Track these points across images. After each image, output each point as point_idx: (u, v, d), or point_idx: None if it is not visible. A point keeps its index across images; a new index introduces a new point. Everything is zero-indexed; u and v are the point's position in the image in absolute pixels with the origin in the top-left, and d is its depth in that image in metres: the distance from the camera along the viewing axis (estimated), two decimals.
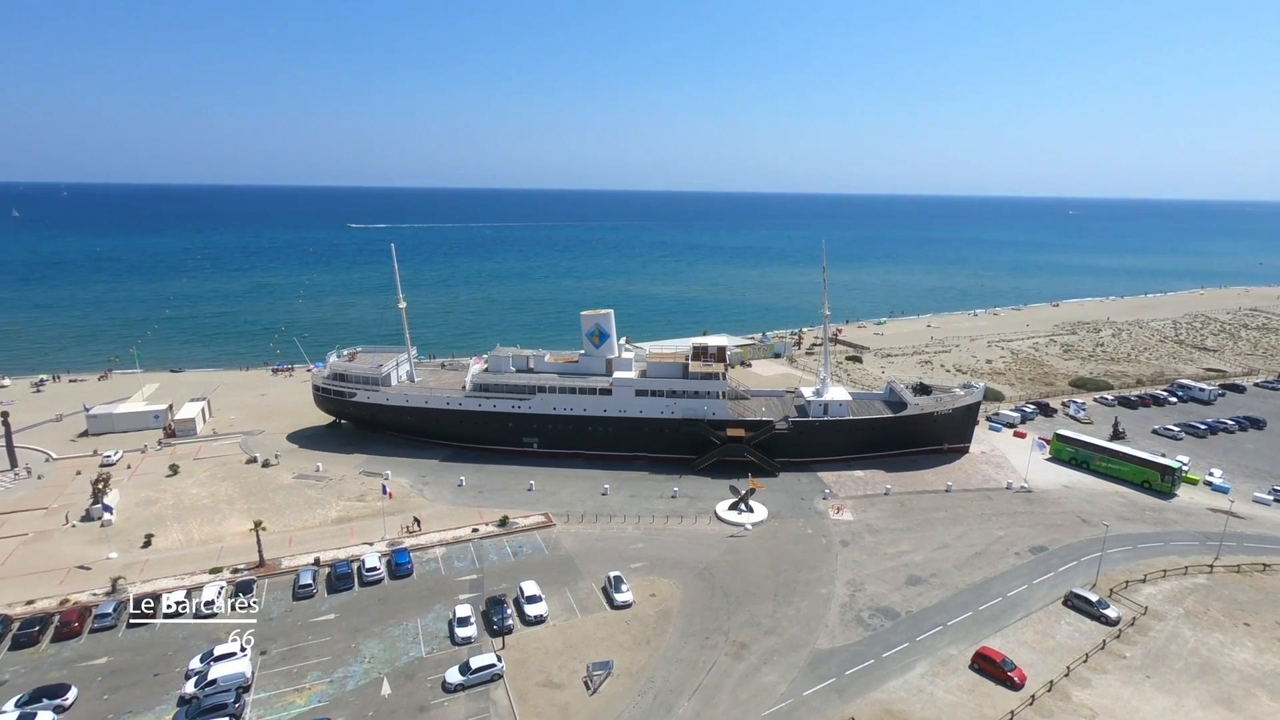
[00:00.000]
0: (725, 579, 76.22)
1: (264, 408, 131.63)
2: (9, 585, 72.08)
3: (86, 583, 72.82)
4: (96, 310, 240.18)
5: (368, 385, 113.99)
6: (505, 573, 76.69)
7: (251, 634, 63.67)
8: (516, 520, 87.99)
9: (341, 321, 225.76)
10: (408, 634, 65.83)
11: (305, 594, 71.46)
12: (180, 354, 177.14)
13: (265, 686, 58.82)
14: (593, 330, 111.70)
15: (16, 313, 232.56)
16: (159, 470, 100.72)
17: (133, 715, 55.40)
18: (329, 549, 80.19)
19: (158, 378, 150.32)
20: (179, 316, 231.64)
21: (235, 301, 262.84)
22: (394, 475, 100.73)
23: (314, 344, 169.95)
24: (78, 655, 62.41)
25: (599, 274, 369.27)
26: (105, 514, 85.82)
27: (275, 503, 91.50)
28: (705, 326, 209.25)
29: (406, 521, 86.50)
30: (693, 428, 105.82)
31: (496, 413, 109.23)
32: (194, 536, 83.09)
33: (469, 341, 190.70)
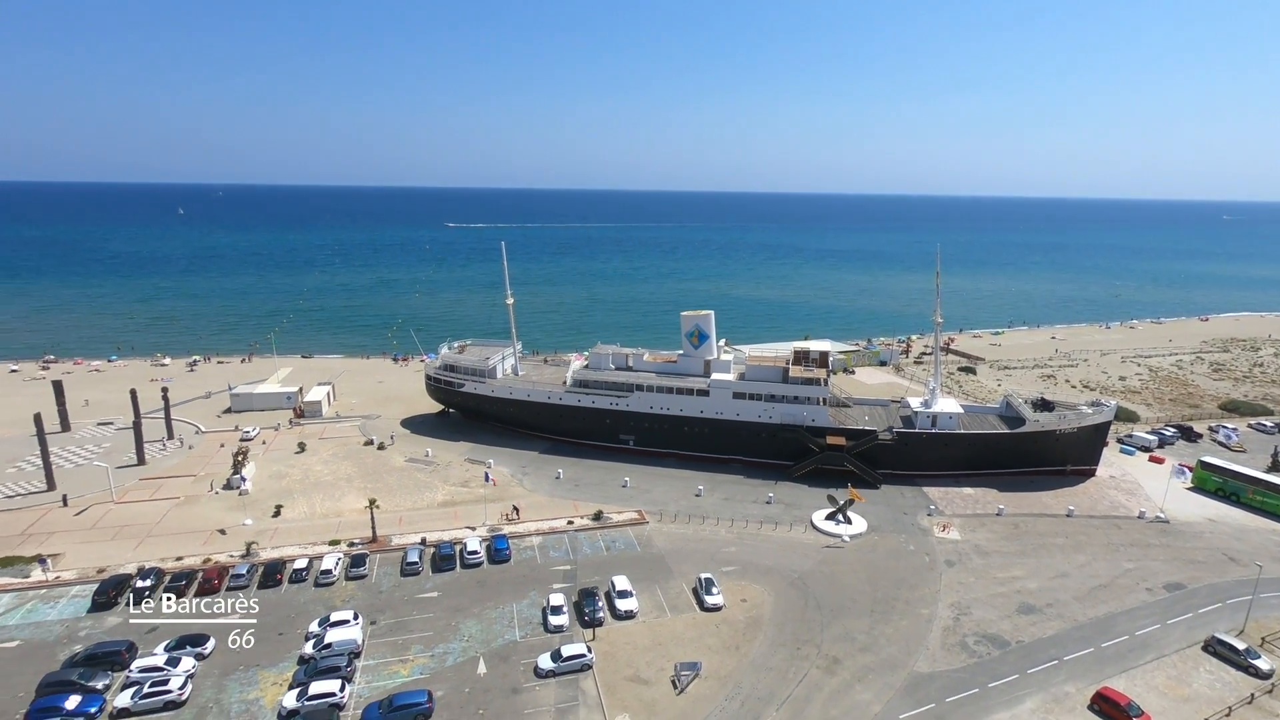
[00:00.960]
0: (819, 590, 74.09)
1: (382, 394, 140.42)
2: (162, 542, 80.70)
3: (224, 545, 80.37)
4: (242, 299, 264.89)
5: (475, 377, 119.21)
6: (598, 566, 78.00)
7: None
8: (610, 515, 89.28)
9: (454, 316, 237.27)
10: (504, 617, 68.26)
11: (412, 571, 75.63)
12: (311, 341, 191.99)
13: (373, 654, 62.72)
14: (692, 331, 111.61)
15: (176, 300, 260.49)
16: (289, 447, 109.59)
17: (260, 669, 60.58)
18: (434, 530, 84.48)
19: (291, 362, 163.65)
20: (311, 307, 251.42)
21: (360, 295, 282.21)
22: (496, 464, 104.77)
23: (428, 336, 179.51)
24: (216, 610, 68.79)
25: (701, 275, 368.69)
26: (243, 484, 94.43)
27: (388, 483, 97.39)
28: (807, 331, 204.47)
29: (506, 509, 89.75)
30: (791, 433, 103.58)
31: (595, 409, 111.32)
32: (316, 510, 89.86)
33: (572, 338, 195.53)
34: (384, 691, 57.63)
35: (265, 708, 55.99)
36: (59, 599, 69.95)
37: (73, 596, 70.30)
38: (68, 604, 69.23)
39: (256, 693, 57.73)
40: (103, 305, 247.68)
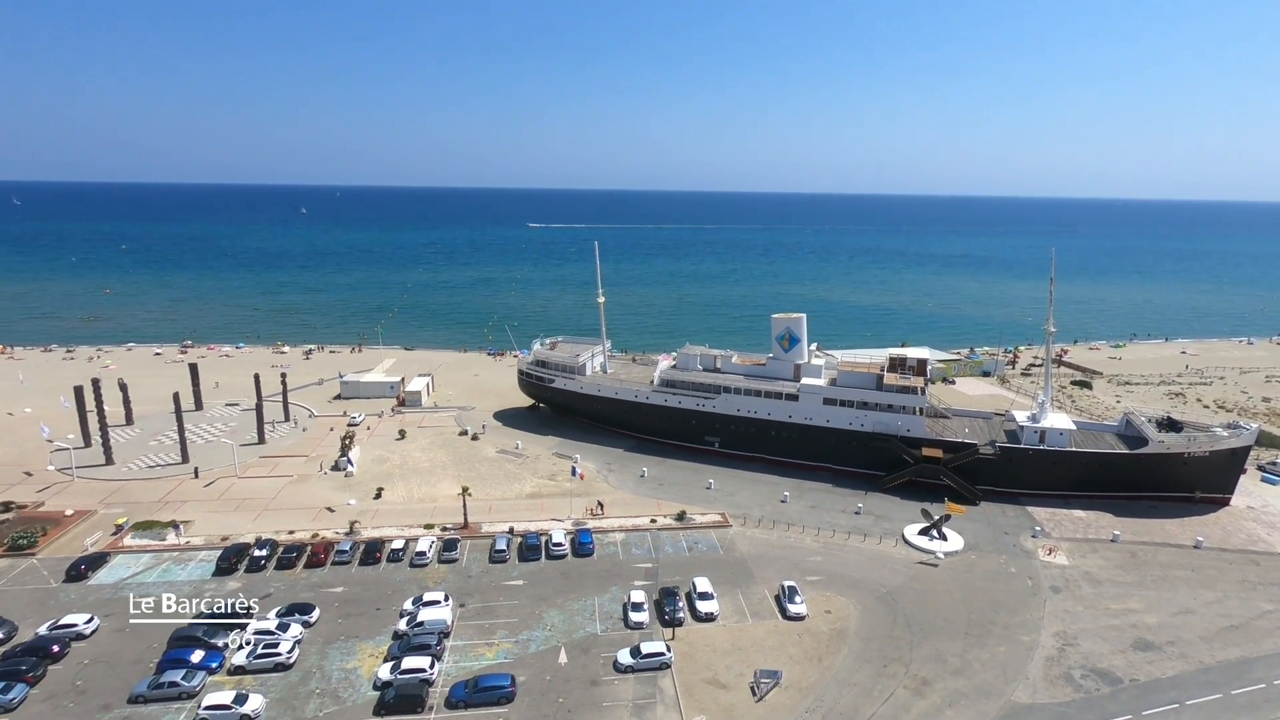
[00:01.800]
0: (910, 607, 70.98)
1: (477, 387, 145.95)
2: (277, 516, 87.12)
3: (331, 522, 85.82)
4: (354, 294, 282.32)
5: (565, 373, 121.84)
6: (679, 566, 77.92)
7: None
8: (694, 516, 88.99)
9: (547, 313, 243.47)
10: (585, 610, 69.35)
11: (499, 558, 78.15)
12: (413, 334, 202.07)
13: (461, 635, 65.24)
14: (783, 334, 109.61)
15: (295, 294, 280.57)
16: (390, 434, 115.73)
17: (358, 640, 64.29)
18: (522, 520, 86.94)
19: (395, 354, 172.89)
20: (415, 302, 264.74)
21: (460, 291, 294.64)
22: (583, 459, 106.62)
23: (522, 332, 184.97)
24: (321, 582, 73.73)
25: (795, 278, 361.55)
26: (348, 467, 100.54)
27: (480, 472, 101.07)
28: (905, 337, 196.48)
29: (591, 504, 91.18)
30: (884, 443, 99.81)
31: (681, 409, 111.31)
32: (413, 494, 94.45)
33: (660, 338, 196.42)
34: (470, 672, 59.82)
35: (362, 677, 59.35)
36: (188, 561, 76.86)
37: (200, 560, 77.04)
38: (195, 566, 75.95)
39: (355, 662, 61.29)
40: (233, 296, 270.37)
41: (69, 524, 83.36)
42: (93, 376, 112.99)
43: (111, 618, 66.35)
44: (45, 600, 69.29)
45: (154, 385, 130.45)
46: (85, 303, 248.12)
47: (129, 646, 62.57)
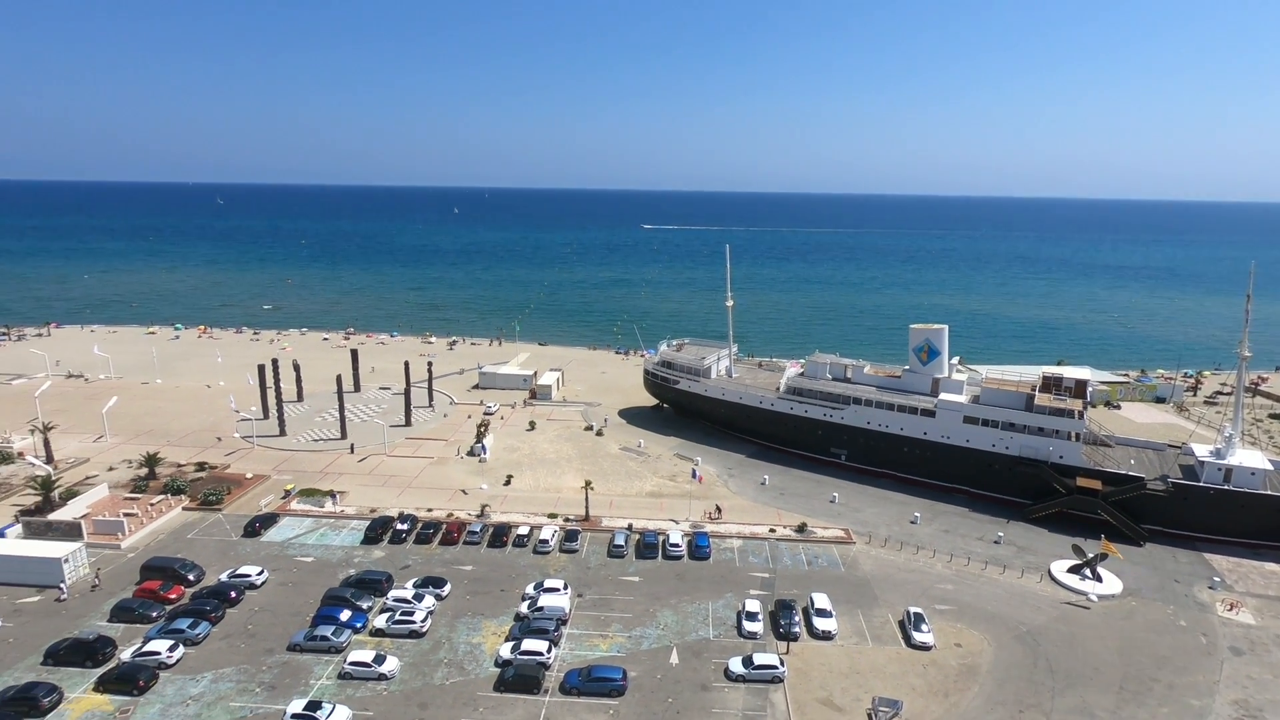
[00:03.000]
0: (1054, 651, 64.82)
1: (604, 384, 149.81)
2: (418, 494, 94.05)
3: (464, 504, 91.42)
4: (495, 290, 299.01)
5: (690, 375, 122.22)
6: (797, 579, 75.89)
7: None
8: (815, 530, 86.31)
9: (676, 314, 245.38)
10: (699, 613, 69.26)
11: (618, 553, 79.78)
12: (547, 330, 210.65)
13: (578, 624, 67.27)
14: (921, 345, 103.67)
15: (443, 288, 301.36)
16: (521, 424, 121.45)
17: (483, 618, 68.04)
18: (640, 518, 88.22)
19: (529, 348, 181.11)
20: (550, 300, 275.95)
21: (593, 290, 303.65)
22: (704, 462, 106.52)
23: (650, 332, 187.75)
24: (453, 559, 78.74)
25: (938, 287, 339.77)
26: (483, 453, 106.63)
27: (602, 468, 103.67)
28: (1063, 355, 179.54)
29: (710, 508, 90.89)
30: (1032, 469, 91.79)
31: (807, 418, 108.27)
32: (540, 484, 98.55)
33: (789, 344, 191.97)
34: (584, 661, 61.56)
35: (485, 653, 62.76)
36: (342, 529, 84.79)
37: (351, 529, 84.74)
38: (347, 534, 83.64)
39: (480, 638, 64.94)
40: (389, 289, 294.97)
41: (248, 486, 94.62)
42: (272, 357, 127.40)
43: (278, 572, 74.61)
44: (226, 551, 79.08)
45: (321, 367, 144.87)
46: (270, 291, 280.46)
47: (290, 599, 70.01)
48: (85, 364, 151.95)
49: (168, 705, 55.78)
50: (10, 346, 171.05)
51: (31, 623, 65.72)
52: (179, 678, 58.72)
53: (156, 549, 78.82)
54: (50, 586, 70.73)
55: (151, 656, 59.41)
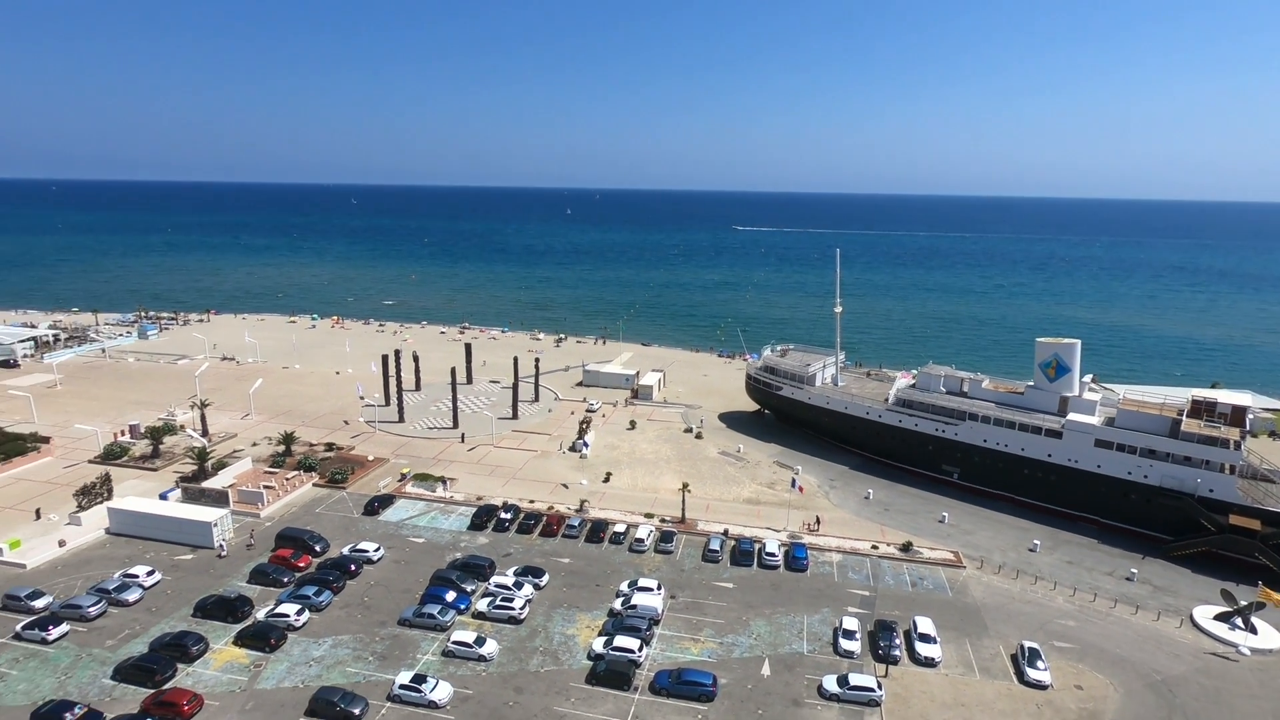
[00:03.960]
0: (1194, 705, 58.53)
1: (705, 386, 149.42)
2: (522, 485, 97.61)
3: (564, 498, 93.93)
4: (602, 289, 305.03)
5: (793, 382, 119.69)
6: (899, 600, 72.66)
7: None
8: (921, 550, 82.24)
9: (781, 319, 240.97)
10: (793, 626, 67.77)
11: (712, 558, 79.42)
12: (650, 331, 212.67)
13: (670, 625, 67.57)
14: (1049, 361, 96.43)
15: (551, 288, 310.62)
16: (622, 423, 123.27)
17: (578, 611, 69.73)
18: (737, 524, 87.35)
19: (632, 348, 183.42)
20: (655, 300, 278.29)
21: (698, 292, 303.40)
22: (804, 472, 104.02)
23: (754, 336, 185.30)
24: (552, 551, 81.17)
25: (1073, 297, 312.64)
26: (584, 449, 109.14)
27: (700, 471, 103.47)
28: (1217, 377, 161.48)
29: (809, 519, 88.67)
30: (1174, 501, 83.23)
31: (917, 432, 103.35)
32: (638, 483, 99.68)
33: (900, 354, 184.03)
34: (675, 663, 61.77)
35: (579, 645, 64.29)
36: (451, 513, 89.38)
37: (459, 514, 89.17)
38: (455, 519, 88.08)
39: (574, 630, 66.60)
40: (502, 287, 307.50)
41: (370, 467, 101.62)
42: (395, 348, 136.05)
43: (393, 550, 79.71)
44: (348, 526, 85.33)
45: (437, 359, 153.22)
46: (395, 286, 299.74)
47: (402, 577, 74.62)
48: (237, 348, 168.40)
49: (293, 664, 60.94)
50: (177, 330, 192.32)
51: (186, 578, 73.70)
52: (304, 640, 64.01)
53: (289, 520, 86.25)
54: (202, 546, 79.10)
55: (281, 618, 65.14)
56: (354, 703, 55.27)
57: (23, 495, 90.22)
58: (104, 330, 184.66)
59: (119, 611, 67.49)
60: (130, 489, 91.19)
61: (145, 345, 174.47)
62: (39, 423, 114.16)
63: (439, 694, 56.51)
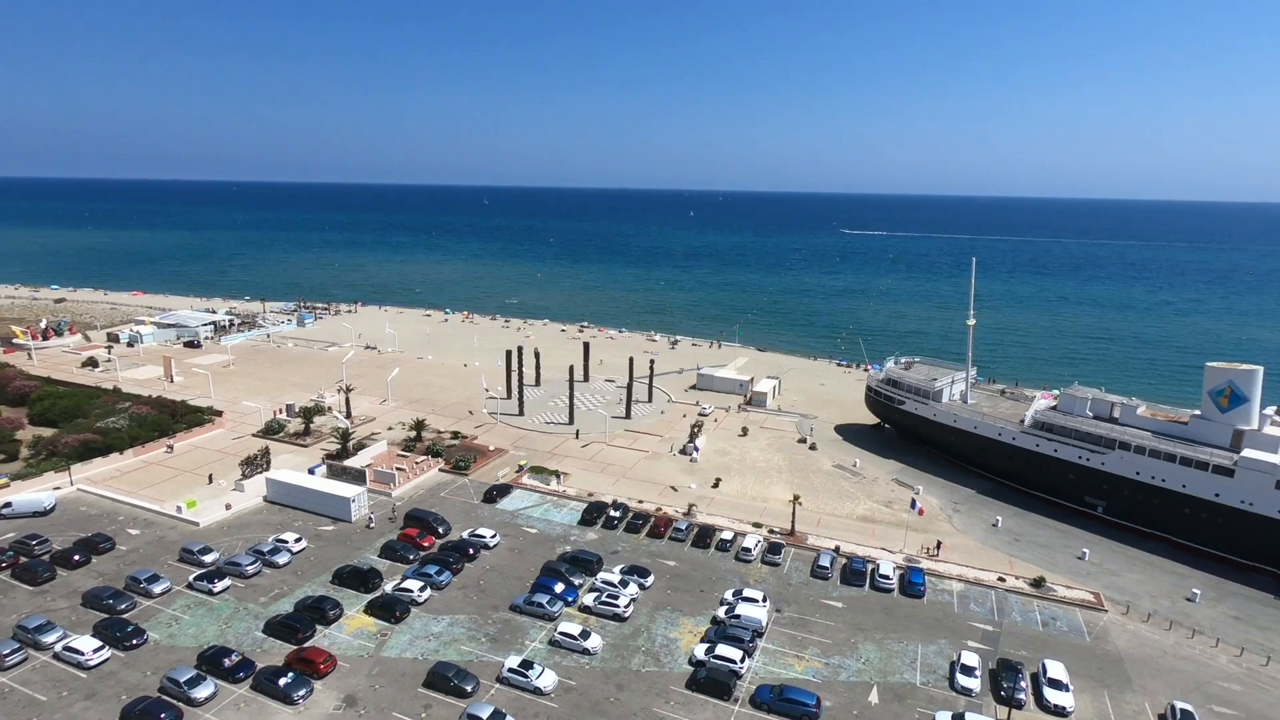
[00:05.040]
0: None
1: (822, 396, 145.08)
2: (631, 485, 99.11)
3: (672, 500, 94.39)
4: (719, 292, 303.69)
5: (918, 396, 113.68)
6: (1027, 640, 67.26)
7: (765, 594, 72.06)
8: (1055, 587, 75.66)
9: (907, 329, 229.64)
10: (906, 654, 64.49)
11: (821, 574, 77.04)
12: (767, 336, 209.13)
13: (773, 639, 66.26)
14: (1221, 388, 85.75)
15: (669, 290, 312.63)
16: (734, 429, 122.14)
17: (681, 615, 69.89)
18: (849, 542, 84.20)
19: (748, 353, 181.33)
20: (773, 305, 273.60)
21: (819, 298, 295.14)
22: (925, 492, 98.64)
23: (876, 346, 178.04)
24: (658, 552, 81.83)
25: (1259, 317, 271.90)
26: (694, 453, 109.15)
27: (813, 483, 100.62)
28: None
29: (928, 542, 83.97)
30: None
31: (1056, 459, 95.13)
32: (747, 491, 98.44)
33: (1040, 372, 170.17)
34: (777, 678, 60.52)
35: (680, 649, 64.45)
36: (563, 507, 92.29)
37: (570, 508, 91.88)
38: (567, 513, 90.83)
39: (676, 633, 66.84)
40: (622, 287, 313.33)
41: (491, 457, 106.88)
42: (518, 344, 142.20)
43: (508, 538, 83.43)
44: (468, 512, 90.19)
45: (557, 356, 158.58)
46: (521, 284, 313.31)
47: (515, 564, 77.94)
48: (378, 338, 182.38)
49: (415, 637, 65.27)
50: (329, 320, 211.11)
51: (327, 547, 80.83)
52: (425, 615, 68.37)
53: (416, 501, 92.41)
54: (341, 519, 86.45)
55: (406, 593, 69.92)
56: (467, 680, 58.42)
57: (199, 461, 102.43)
58: (269, 318, 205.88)
59: (270, 572, 75.13)
60: (284, 462, 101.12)
61: (302, 332, 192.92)
62: (214, 398, 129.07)
63: (544, 681, 58.59)
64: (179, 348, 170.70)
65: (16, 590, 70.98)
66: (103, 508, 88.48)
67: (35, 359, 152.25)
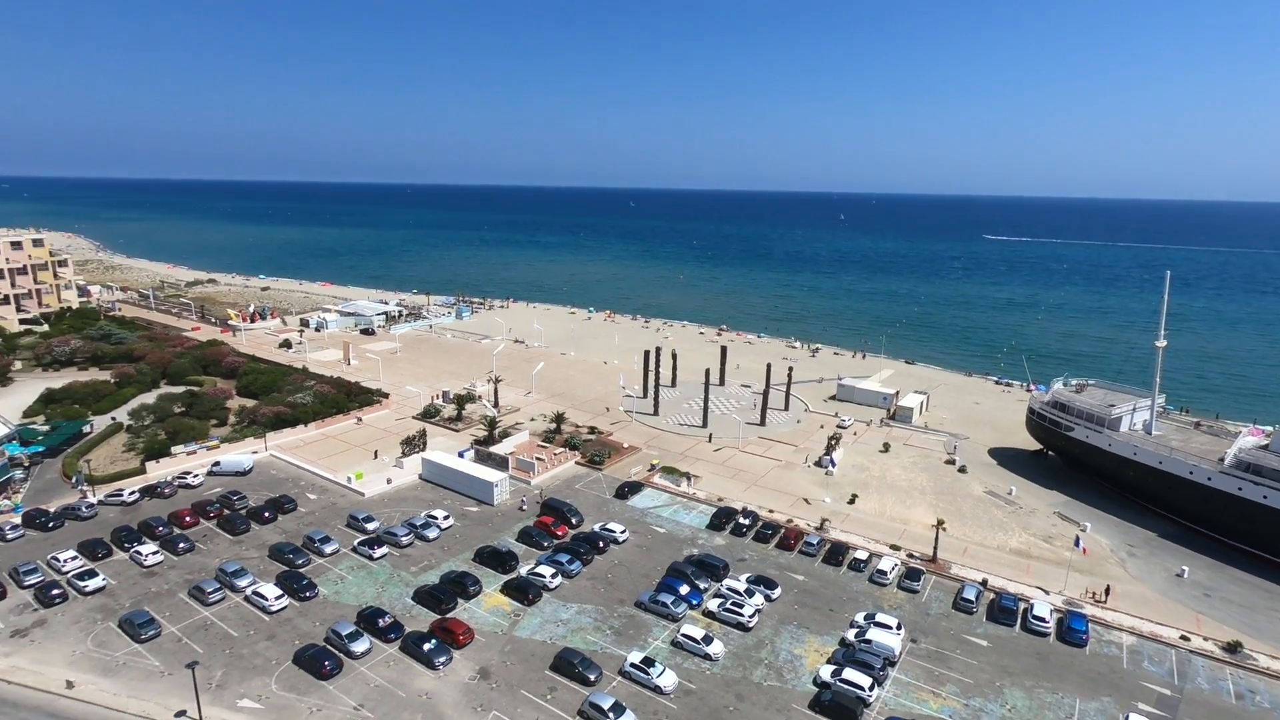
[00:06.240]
0: None
1: (975, 416, 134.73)
2: (762, 493, 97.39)
3: (804, 513, 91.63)
4: (866, 300, 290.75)
5: (1091, 423, 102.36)
6: (1215, 713, 58.60)
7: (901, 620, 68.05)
8: (1255, 654, 65.31)
9: (1078, 349, 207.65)
10: (1060, 707, 58.39)
11: (965, 607, 71.59)
12: (916, 348, 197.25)
13: (906, 670, 62.49)
14: None
15: (812, 297, 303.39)
16: (874, 444, 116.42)
17: (808, 632, 67.74)
18: (999, 576, 77.52)
19: (894, 365, 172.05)
20: (925, 315, 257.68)
21: (978, 310, 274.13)
22: (1093, 529, 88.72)
23: (1042, 367, 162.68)
24: (787, 565, 79.82)
25: None
26: (830, 466, 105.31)
27: (960, 509, 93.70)
28: None
29: (1095, 586, 75.45)
30: None
31: (1265, 506, 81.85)
32: (885, 510, 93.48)
33: (1244, 405, 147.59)
34: (909, 713, 57.09)
35: (805, 668, 62.49)
36: (692, 509, 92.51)
37: (699, 511, 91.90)
38: (695, 515, 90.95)
39: (802, 650, 64.88)
40: (761, 291, 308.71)
41: (625, 454, 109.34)
42: (656, 344, 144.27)
43: (637, 534, 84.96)
44: (600, 506, 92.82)
45: (693, 358, 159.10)
46: (662, 285, 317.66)
47: (642, 561, 79.21)
48: (526, 333, 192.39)
49: (544, 621, 68.22)
50: (483, 314, 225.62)
51: (470, 527, 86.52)
52: (555, 601, 71.27)
53: (553, 491, 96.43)
54: (484, 501, 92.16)
55: (539, 578, 73.24)
56: (591, 669, 60.21)
57: (368, 438, 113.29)
58: (432, 310, 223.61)
59: (421, 545, 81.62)
60: (438, 444, 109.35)
61: (460, 325, 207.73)
62: (383, 381, 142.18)
63: (665, 680, 59.09)
64: (356, 334, 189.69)
65: (219, 538, 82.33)
66: (289, 472, 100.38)
67: (244, 339, 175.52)
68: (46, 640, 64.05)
